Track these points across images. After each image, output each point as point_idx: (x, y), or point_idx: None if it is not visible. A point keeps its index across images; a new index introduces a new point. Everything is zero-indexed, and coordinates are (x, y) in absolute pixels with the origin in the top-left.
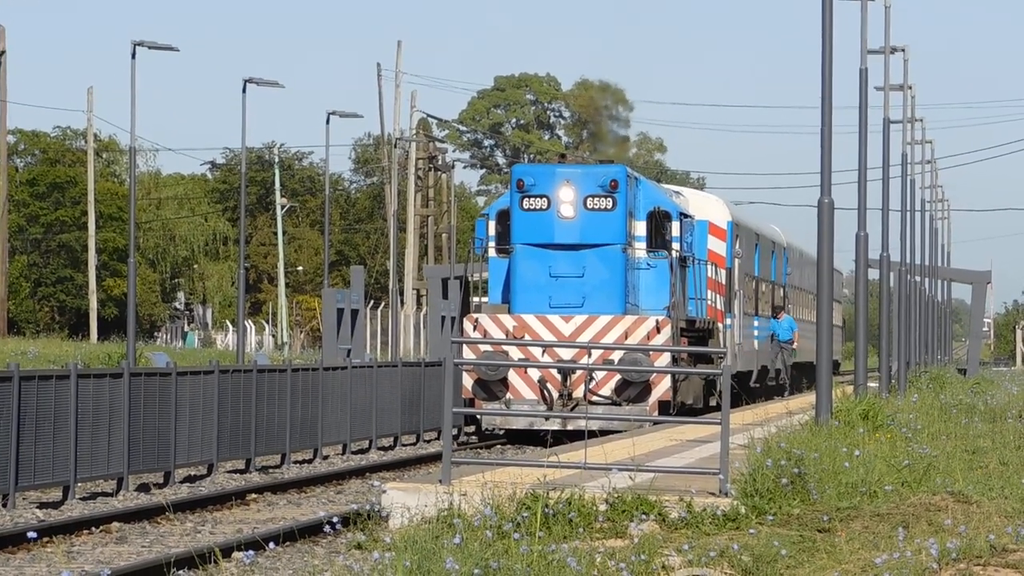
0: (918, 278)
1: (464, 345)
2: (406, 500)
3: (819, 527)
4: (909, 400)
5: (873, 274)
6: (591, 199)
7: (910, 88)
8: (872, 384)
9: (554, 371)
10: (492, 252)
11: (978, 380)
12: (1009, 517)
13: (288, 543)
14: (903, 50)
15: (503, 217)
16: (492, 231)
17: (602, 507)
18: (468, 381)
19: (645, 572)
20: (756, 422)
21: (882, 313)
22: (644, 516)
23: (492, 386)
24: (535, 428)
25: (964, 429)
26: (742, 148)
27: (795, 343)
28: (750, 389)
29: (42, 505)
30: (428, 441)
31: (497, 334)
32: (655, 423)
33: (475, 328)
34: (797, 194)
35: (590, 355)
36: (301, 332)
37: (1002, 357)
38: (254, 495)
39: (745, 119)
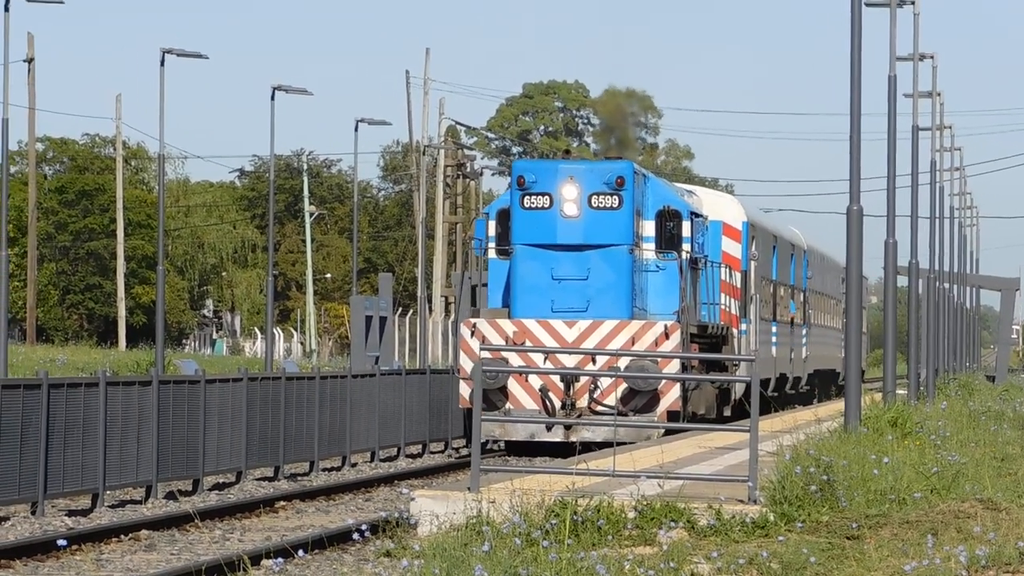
0: (947, 285)
1: (464, 353)
2: (435, 507)
3: (848, 534)
4: (938, 407)
5: (901, 281)
6: (596, 197)
7: (939, 95)
8: (900, 391)
9: (556, 379)
10: (492, 253)
11: (1007, 387)
12: None
13: (317, 551)
14: (932, 57)
15: (503, 216)
16: (492, 231)
17: (631, 514)
18: (465, 390)
19: None
20: (784, 429)
21: (910, 320)
22: (673, 523)
23: (491, 395)
24: (536, 440)
25: (993, 436)
26: (771, 155)
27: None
28: (767, 398)
29: (71, 513)
30: (456, 448)
31: (496, 340)
32: (668, 431)
33: (472, 334)
34: (825, 201)
35: (595, 362)
36: (329, 339)
37: None
38: (283, 503)
39: (774, 126)
